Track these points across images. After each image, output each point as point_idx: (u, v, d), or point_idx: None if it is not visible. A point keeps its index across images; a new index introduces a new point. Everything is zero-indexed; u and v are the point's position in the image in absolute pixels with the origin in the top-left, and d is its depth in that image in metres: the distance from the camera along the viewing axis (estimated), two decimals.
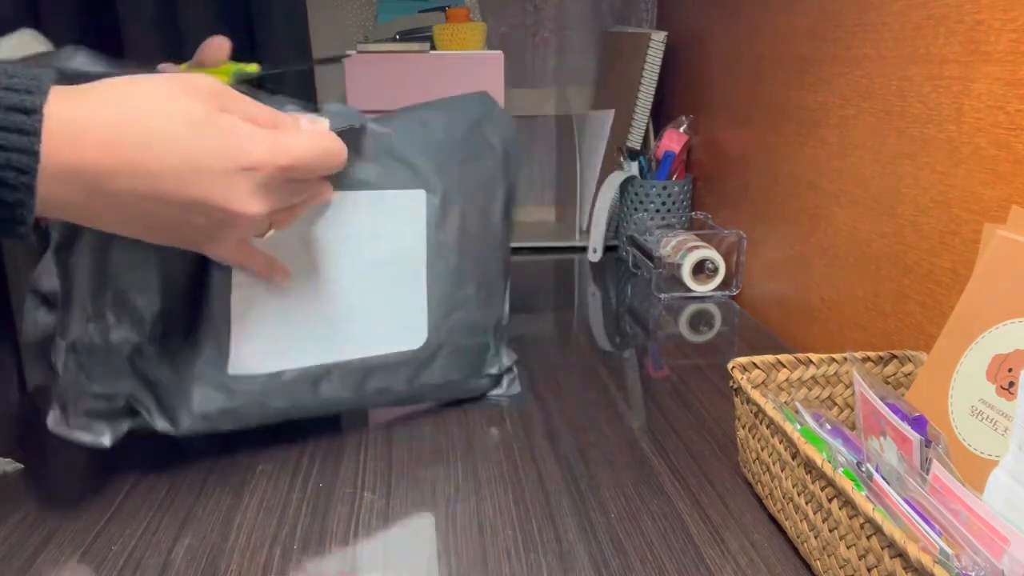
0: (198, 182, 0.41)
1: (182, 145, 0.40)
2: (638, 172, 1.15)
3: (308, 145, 0.45)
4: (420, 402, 0.65)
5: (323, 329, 0.57)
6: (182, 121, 0.40)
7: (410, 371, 0.61)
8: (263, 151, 0.42)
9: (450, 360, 0.63)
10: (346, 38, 1.37)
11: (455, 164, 0.62)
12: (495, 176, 0.64)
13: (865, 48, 0.72)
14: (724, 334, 0.91)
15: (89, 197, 0.39)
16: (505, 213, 0.66)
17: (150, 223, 0.43)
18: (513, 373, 0.71)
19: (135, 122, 0.39)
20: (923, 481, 0.43)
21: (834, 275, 0.79)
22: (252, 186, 0.43)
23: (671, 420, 0.67)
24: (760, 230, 0.98)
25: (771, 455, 0.50)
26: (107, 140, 0.38)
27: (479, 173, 0.63)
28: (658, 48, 1.18)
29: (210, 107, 0.42)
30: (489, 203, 0.64)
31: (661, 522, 0.52)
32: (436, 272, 0.61)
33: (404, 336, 0.60)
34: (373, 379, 0.60)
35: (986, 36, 0.57)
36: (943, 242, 0.62)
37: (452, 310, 0.62)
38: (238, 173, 0.42)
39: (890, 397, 0.50)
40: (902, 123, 0.67)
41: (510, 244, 0.69)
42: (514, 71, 1.41)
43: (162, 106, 0.40)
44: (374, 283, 0.59)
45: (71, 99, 0.38)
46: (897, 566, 0.37)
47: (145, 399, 0.53)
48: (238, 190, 0.42)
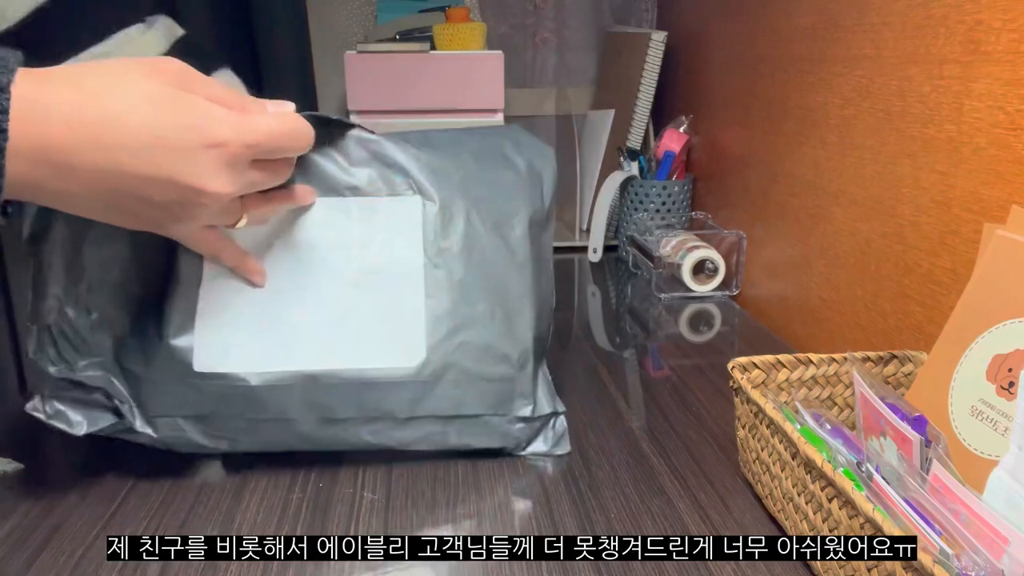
0: (162, 159, 0.41)
1: (147, 122, 0.41)
2: (638, 172, 1.15)
3: (274, 124, 0.45)
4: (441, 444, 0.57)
5: (305, 335, 0.54)
6: (147, 99, 0.41)
7: (411, 393, 0.55)
8: (229, 129, 0.43)
9: (460, 388, 0.56)
10: (346, 38, 1.37)
11: (459, 172, 0.58)
12: (515, 192, 0.59)
13: (865, 48, 0.72)
14: (724, 334, 0.91)
15: (55, 176, 0.40)
16: (532, 235, 0.60)
17: (116, 202, 0.43)
18: (560, 427, 0.61)
19: (99, 100, 0.40)
20: (923, 481, 0.43)
21: (834, 275, 0.79)
22: (217, 164, 0.43)
23: (671, 420, 0.67)
24: (760, 230, 0.98)
25: (771, 455, 0.50)
26: (72, 117, 0.39)
27: (492, 186, 0.59)
28: (658, 48, 1.18)
29: (176, 86, 0.42)
30: (506, 219, 0.59)
31: (661, 522, 0.52)
32: (436, 283, 0.56)
33: (398, 351, 0.55)
34: (369, 397, 0.54)
35: (986, 36, 0.57)
36: (943, 242, 0.62)
37: (457, 328, 0.56)
38: (203, 150, 0.42)
39: (890, 397, 0.50)
40: (902, 123, 0.67)
41: (547, 274, 0.62)
42: (514, 71, 1.41)
43: (127, 84, 0.41)
44: (365, 292, 0.55)
45: (37, 79, 0.39)
46: (897, 566, 0.37)
47: (121, 392, 0.53)
48: (203, 167, 0.42)
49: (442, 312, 0.55)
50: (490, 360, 0.56)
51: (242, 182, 0.45)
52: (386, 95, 1.14)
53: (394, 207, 0.56)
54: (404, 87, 1.14)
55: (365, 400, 0.54)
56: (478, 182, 0.58)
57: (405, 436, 0.56)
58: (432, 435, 0.56)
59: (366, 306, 0.55)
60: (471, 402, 0.56)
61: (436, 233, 0.56)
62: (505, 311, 0.57)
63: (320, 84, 1.33)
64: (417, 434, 0.56)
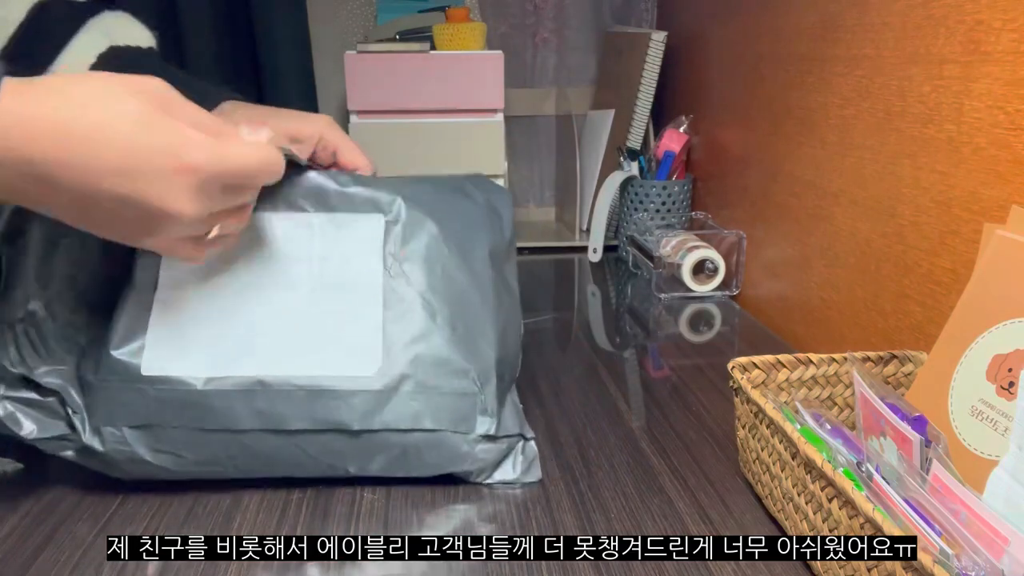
0: (135, 180, 0.42)
1: (122, 142, 0.41)
2: (638, 172, 1.15)
3: (248, 154, 0.46)
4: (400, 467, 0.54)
5: (258, 341, 0.53)
6: (124, 119, 0.41)
7: (365, 404, 0.52)
8: (203, 155, 0.43)
9: (417, 400, 0.53)
10: (346, 38, 1.37)
11: (424, 195, 0.59)
12: (475, 222, 0.61)
13: (865, 48, 0.72)
14: (724, 334, 0.91)
15: (35, 186, 0.41)
16: (493, 263, 0.60)
17: (90, 213, 0.44)
18: (531, 453, 0.58)
19: (84, 116, 0.41)
20: (923, 481, 0.43)
21: (834, 275, 0.79)
22: (189, 189, 0.43)
23: (671, 420, 0.67)
24: (760, 230, 0.98)
25: (771, 455, 0.50)
26: (57, 133, 0.40)
27: (454, 211, 0.60)
28: (658, 48, 1.18)
29: (154, 107, 0.43)
30: (468, 243, 0.59)
31: (661, 522, 0.52)
32: (394, 294, 0.55)
33: (354, 359, 0.53)
34: (322, 406, 0.52)
35: (986, 36, 0.57)
36: (943, 242, 0.62)
37: (415, 339, 0.54)
38: (176, 174, 0.43)
39: (890, 397, 0.50)
40: (902, 123, 0.67)
41: (514, 302, 0.63)
42: (514, 71, 1.40)
43: (106, 103, 0.41)
44: (322, 302, 0.55)
45: (22, 92, 0.40)
46: (897, 566, 0.37)
47: (76, 402, 0.52)
48: (174, 191, 0.43)
49: (399, 323, 0.54)
50: (448, 373, 0.54)
51: (211, 206, 0.46)
52: (386, 95, 1.14)
53: (356, 223, 0.56)
54: (404, 87, 1.14)
55: (317, 410, 0.52)
56: (441, 206, 0.59)
57: (361, 456, 0.54)
58: (391, 452, 0.54)
59: (323, 315, 0.54)
60: (429, 416, 0.53)
61: (397, 246, 0.56)
62: (466, 326, 0.56)
63: (320, 84, 1.33)
64: (374, 453, 0.54)
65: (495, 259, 0.61)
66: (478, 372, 0.55)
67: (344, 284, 0.55)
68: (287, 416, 0.52)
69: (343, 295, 0.55)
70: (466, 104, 1.15)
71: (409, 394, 0.53)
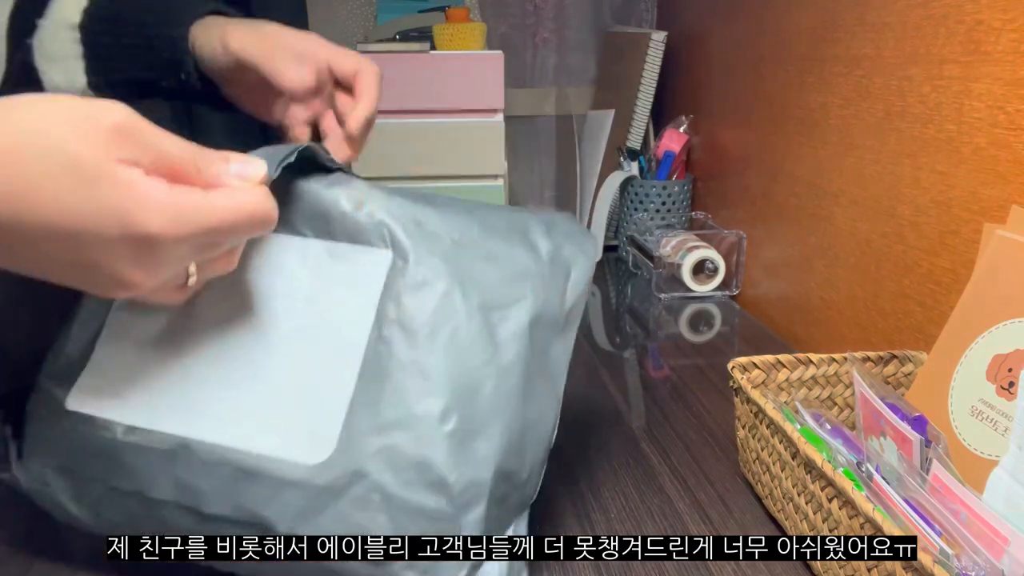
0: (78, 246, 0.34)
1: (63, 203, 0.33)
2: (638, 172, 1.15)
3: (227, 208, 0.36)
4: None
5: (193, 392, 0.43)
6: (68, 172, 0.33)
7: (301, 500, 0.40)
8: (161, 221, 0.34)
9: (368, 511, 0.40)
10: (346, 38, 1.37)
11: (452, 234, 0.45)
12: (522, 277, 0.45)
13: (865, 48, 0.72)
14: (724, 334, 0.91)
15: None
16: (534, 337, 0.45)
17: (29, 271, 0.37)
18: None
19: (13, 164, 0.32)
20: (923, 481, 0.43)
21: (834, 275, 0.79)
22: (142, 258, 0.35)
23: (671, 420, 0.67)
24: (760, 230, 0.98)
25: (771, 455, 0.50)
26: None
27: (494, 261, 0.45)
28: (658, 48, 1.18)
29: (108, 153, 0.34)
30: (500, 306, 0.44)
31: (661, 522, 0.52)
32: (378, 362, 0.41)
33: (301, 439, 0.41)
34: (248, 493, 0.41)
35: (986, 36, 0.57)
36: (943, 242, 0.62)
37: (387, 425, 0.40)
38: (123, 241, 0.34)
39: (890, 397, 0.50)
40: (902, 123, 0.67)
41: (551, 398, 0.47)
42: (514, 71, 1.41)
43: (49, 149, 0.33)
44: (290, 356, 0.43)
45: None
46: (897, 566, 0.37)
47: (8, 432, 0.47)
48: (125, 260, 0.35)
49: (374, 401, 0.41)
50: (420, 482, 0.40)
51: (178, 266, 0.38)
52: (386, 95, 1.13)
53: (358, 258, 0.44)
54: (404, 87, 1.14)
55: (242, 496, 0.41)
56: (475, 252, 0.45)
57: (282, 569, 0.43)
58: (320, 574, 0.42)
59: (284, 374, 0.43)
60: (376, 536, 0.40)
61: (399, 299, 0.43)
62: (464, 421, 0.41)
63: None
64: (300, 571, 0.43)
65: (538, 331, 0.45)
66: (461, 487, 0.40)
67: (322, 337, 0.43)
68: (206, 496, 0.42)
69: (317, 351, 0.43)
70: (466, 104, 1.15)
71: (358, 500, 0.40)
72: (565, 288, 0.47)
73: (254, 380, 0.43)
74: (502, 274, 0.45)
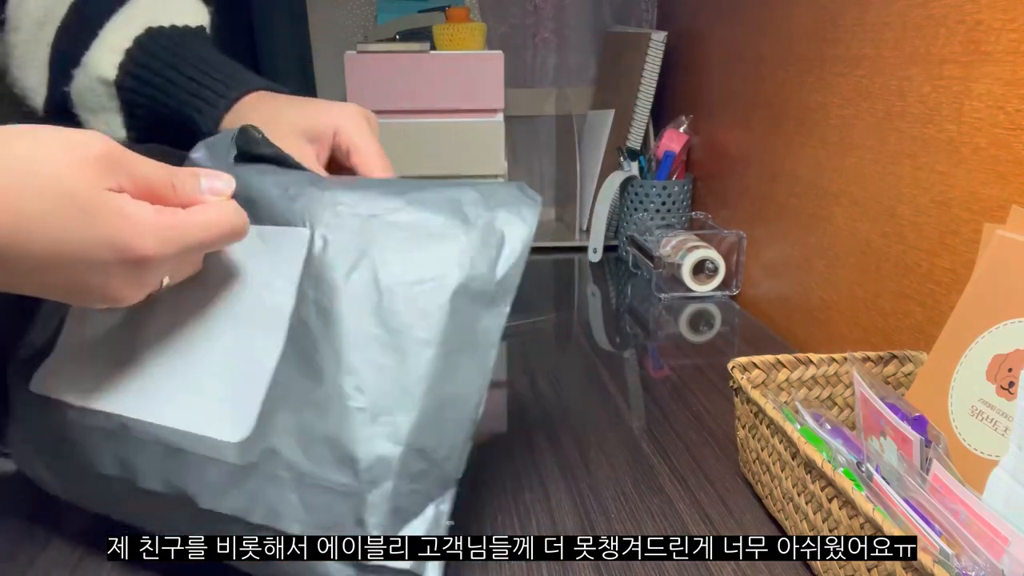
0: (74, 272, 0.36)
1: (60, 234, 0.35)
2: (638, 172, 1.15)
3: (205, 225, 0.40)
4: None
5: (132, 374, 0.45)
6: (60, 204, 0.34)
7: (218, 477, 0.42)
8: (152, 243, 0.37)
9: (277, 488, 0.41)
10: (346, 38, 1.37)
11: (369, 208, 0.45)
12: (445, 249, 0.44)
13: (865, 48, 0.72)
14: (724, 334, 0.91)
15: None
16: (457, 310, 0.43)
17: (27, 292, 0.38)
18: None
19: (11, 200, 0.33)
20: (923, 481, 0.43)
21: (834, 275, 0.79)
22: (135, 278, 0.38)
23: (671, 420, 0.67)
24: (760, 230, 0.98)
25: (771, 455, 0.50)
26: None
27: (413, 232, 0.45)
28: (658, 48, 1.18)
29: (96, 183, 0.35)
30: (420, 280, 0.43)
31: (661, 522, 0.52)
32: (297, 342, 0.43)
33: (223, 418, 0.43)
34: (176, 469, 0.43)
35: (986, 36, 0.57)
36: (943, 242, 0.62)
37: (300, 404, 0.42)
38: (119, 265, 0.37)
39: (890, 397, 0.50)
40: (902, 123, 0.67)
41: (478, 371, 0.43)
42: (514, 71, 1.41)
43: (39, 182, 0.34)
44: (219, 338, 0.45)
45: None
46: (897, 566, 0.37)
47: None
48: (118, 280, 0.38)
49: (292, 379, 0.42)
50: (329, 459, 0.41)
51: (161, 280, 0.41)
52: (386, 95, 1.14)
53: (281, 238, 0.45)
54: (404, 87, 1.14)
55: (171, 472, 0.43)
56: (392, 228, 0.45)
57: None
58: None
59: (219, 356, 0.44)
60: (289, 513, 0.41)
61: (316, 278, 0.44)
62: (374, 396, 0.41)
63: (320, 84, 1.33)
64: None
65: (462, 304, 0.43)
66: (368, 463, 0.40)
67: (251, 317, 0.44)
68: (143, 472, 0.44)
69: (245, 331, 0.44)
70: (466, 104, 1.15)
71: (269, 478, 0.41)
72: (497, 257, 0.45)
73: (190, 363, 0.45)
74: (421, 248, 0.44)
